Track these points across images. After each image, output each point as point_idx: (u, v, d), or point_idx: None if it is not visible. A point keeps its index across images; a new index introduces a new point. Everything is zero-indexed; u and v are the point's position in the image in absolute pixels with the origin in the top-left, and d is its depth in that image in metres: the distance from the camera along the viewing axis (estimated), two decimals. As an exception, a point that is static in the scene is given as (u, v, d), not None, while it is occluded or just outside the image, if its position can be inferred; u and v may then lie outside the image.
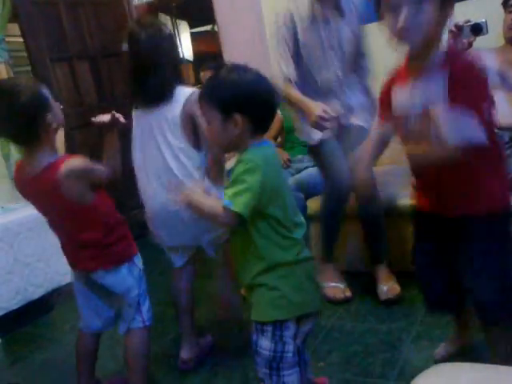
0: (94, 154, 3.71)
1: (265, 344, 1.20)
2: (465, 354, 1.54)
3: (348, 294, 2.15)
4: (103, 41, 3.58)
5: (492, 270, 1.29)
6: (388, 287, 2.07)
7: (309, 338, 1.52)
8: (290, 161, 2.67)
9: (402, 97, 1.31)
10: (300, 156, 2.68)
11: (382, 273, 2.11)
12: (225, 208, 1.13)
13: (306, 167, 2.61)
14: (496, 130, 2.09)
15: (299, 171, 2.60)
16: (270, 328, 1.19)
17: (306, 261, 1.24)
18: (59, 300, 2.65)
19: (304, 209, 2.39)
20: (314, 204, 2.40)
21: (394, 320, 1.91)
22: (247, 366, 1.76)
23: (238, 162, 1.17)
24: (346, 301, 2.12)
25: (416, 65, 1.27)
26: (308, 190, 2.45)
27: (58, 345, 1.78)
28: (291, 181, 2.47)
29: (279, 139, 2.91)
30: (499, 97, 2.14)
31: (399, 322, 1.88)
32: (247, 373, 1.74)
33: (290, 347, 1.20)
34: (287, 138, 2.82)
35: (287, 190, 1.25)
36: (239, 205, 1.11)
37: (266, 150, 1.20)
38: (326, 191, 2.17)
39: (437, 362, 1.58)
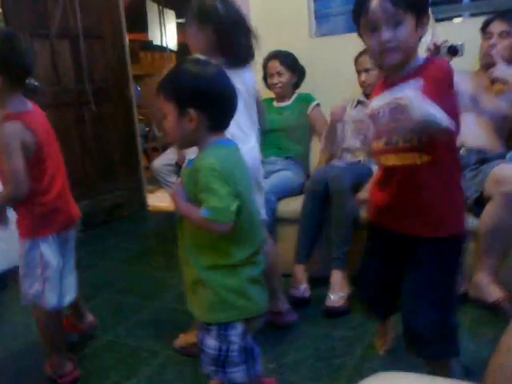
0: (67, 135, 3.65)
1: (210, 343, 1.19)
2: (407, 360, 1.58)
3: (306, 294, 2.17)
4: (86, 22, 3.52)
5: (431, 299, 1.27)
6: (335, 297, 2.09)
7: (261, 338, 1.52)
8: (262, 162, 2.66)
9: (375, 101, 1.32)
10: (273, 158, 2.68)
11: (337, 280, 2.13)
12: (215, 222, 1.10)
13: (279, 170, 2.61)
14: (463, 152, 2.17)
15: (271, 173, 2.60)
16: (214, 328, 1.19)
17: (256, 265, 1.22)
18: (14, 279, 2.60)
19: (274, 211, 2.40)
20: (283, 207, 2.42)
21: (349, 328, 1.94)
22: (198, 361, 1.76)
23: (199, 166, 1.13)
24: (302, 301, 2.15)
25: (392, 79, 1.29)
26: (279, 193, 2.46)
27: (8, 324, 1.74)
28: (263, 184, 2.48)
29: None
30: (469, 119, 2.21)
31: (353, 330, 1.92)
32: (197, 368, 1.74)
33: (236, 346, 1.19)
34: (262, 139, 2.82)
35: (251, 194, 1.23)
36: (226, 215, 1.10)
37: (227, 153, 1.17)
38: (307, 190, 2.31)
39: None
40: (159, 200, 4.28)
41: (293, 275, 2.24)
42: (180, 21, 5.58)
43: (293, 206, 2.38)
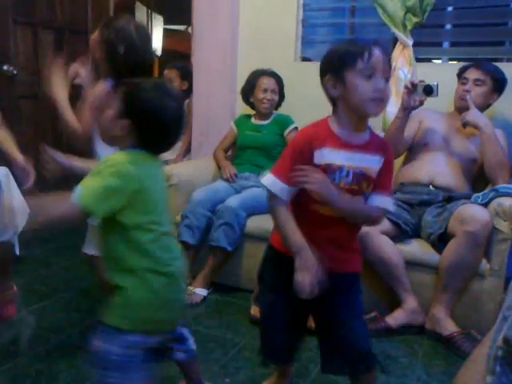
0: (40, 126, 3.57)
1: (104, 346, 1.17)
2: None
3: None
4: (73, 16, 3.49)
5: (361, 319, 1.42)
6: None
7: (219, 353, 1.51)
8: (236, 176, 2.68)
9: (335, 155, 1.29)
10: (247, 174, 2.70)
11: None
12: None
13: (251, 186, 2.63)
14: (432, 188, 2.25)
15: (244, 188, 2.62)
16: (112, 332, 1.17)
17: (171, 277, 1.22)
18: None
19: (242, 226, 2.42)
20: (253, 223, 2.44)
21: (306, 349, 1.95)
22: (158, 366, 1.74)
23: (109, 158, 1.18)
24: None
25: (353, 133, 1.29)
26: (250, 209, 2.48)
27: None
28: (235, 198, 2.49)
29: (230, 152, 2.93)
30: (440, 158, 2.29)
31: (310, 352, 1.92)
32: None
33: (132, 352, 1.18)
34: (238, 154, 2.84)
35: (161, 195, 1.24)
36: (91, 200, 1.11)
37: (135, 154, 1.20)
38: None
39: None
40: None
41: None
42: (168, 27, 5.58)
43: (262, 223, 2.40)
